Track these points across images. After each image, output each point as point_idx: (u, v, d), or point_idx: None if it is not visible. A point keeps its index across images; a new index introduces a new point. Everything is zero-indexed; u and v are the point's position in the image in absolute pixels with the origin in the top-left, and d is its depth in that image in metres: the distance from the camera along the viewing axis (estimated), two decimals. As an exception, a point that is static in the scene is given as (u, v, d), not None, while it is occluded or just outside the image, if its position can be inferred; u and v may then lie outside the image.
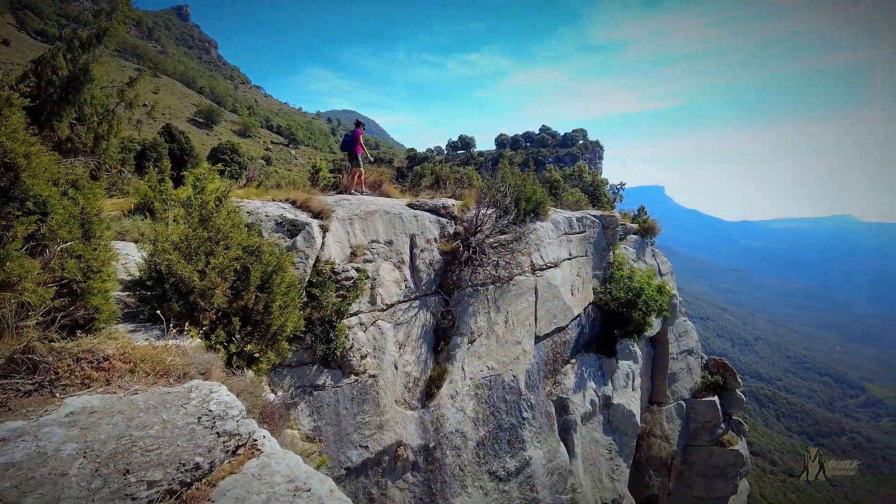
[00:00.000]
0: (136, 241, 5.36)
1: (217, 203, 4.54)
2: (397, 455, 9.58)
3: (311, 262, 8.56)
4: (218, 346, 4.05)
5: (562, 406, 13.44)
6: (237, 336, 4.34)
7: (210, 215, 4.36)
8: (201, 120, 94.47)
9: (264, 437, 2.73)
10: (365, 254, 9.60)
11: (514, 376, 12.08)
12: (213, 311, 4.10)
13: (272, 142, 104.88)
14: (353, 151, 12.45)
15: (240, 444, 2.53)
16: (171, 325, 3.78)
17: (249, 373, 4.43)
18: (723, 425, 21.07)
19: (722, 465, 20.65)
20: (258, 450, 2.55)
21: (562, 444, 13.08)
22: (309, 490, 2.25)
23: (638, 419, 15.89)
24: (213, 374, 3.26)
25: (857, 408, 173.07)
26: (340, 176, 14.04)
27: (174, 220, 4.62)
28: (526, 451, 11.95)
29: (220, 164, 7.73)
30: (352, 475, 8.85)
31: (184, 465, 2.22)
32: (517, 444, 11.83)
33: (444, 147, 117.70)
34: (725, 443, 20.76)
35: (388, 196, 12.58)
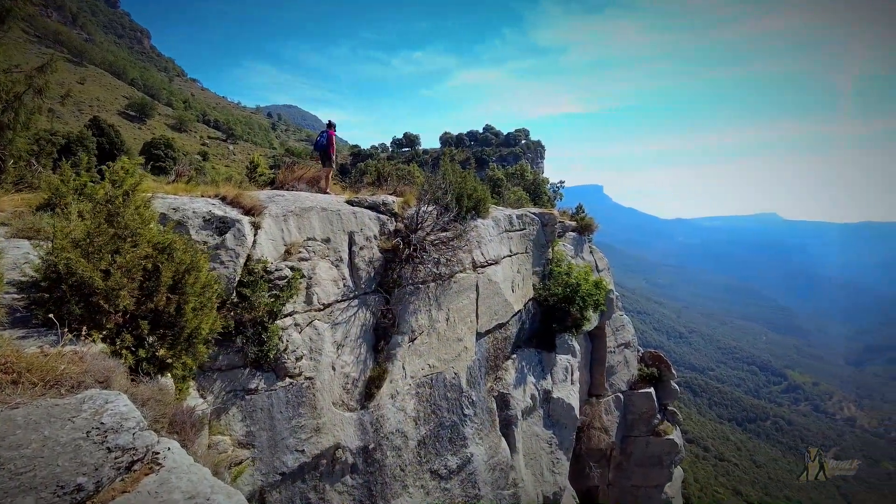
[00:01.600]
0: (29, 239, 4.90)
1: (125, 197, 4.19)
2: (335, 458, 9.34)
3: (242, 260, 8.20)
4: (124, 351, 3.73)
5: (503, 402, 13.53)
6: (149, 340, 4.04)
7: (118, 210, 4.02)
8: (133, 113, 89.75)
9: (169, 449, 2.52)
10: (300, 252, 9.29)
11: (455, 374, 12.05)
12: (118, 314, 3.77)
13: (209, 137, 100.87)
14: (328, 152, 12.88)
15: (135, 458, 2.31)
16: (68, 330, 3.44)
17: (164, 379, 4.13)
18: (658, 416, 21.85)
19: (658, 454, 21.42)
20: (158, 464, 2.33)
21: (503, 439, 13.17)
22: (210, 506, 2.07)
23: (577, 412, 16.21)
24: (115, 383, 2.98)
25: (780, 393, 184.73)
26: (280, 172, 13.77)
27: (80, 216, 4.25)
28: (468, 448, 11.96)
29: (140, 158, 7.25)
30: (287, 480, 8.56)
31: (62, 487, 1.99)
32: (459, 442, 11.82)
33: (388, 144, 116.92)
34: (661, 432, 21.53)
35: (326, 192, 12.28)
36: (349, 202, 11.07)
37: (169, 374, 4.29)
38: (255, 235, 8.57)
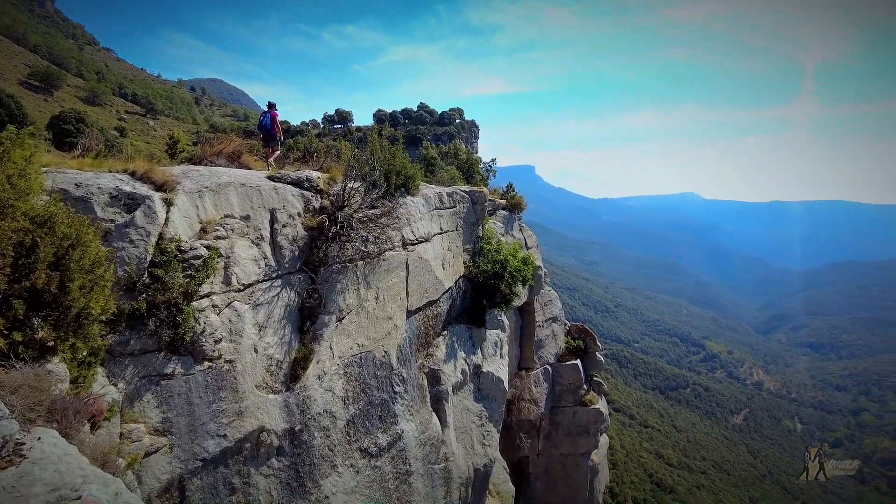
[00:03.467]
0: None
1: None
2: (260, 441, 9.10)
3: (154, 239, 7.74)
4: (-5, 335, 3.39)
5: (434, 377, 13.64)
6: (34, 322, 3.69)
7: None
8: (37, 83, 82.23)
9: (39, 439, 2.29)
10: (217, 230, 8.85)
11: (385, 352, 11.99)
12: (-12, 295, 3.42)
13: (127, 111, 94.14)
14: (272, 133, 13.40)
15: (-7, 450, 2.08)
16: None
17: (52, 365, 3.80)
18: (585, 386, 22.77)
19: (585, 422, 22.36)
20: (21, 456, 2.11)
21: (434, 415, 13.30)
22: (78, 499, 1.90)
23: (507, 385, 16.62)
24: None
25: (699, 362, 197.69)
26: (198, 147, 13.22)
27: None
28: (398, 424, 11.98)
29: (31, 128, 6.56)
30: (209, 466, 8.26)
31: None
32: (389, 419, 11.82)
33: (320, 121, 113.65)
34: (588, 402, 22.48)
35: (248, 168, 11.76)
36: (271, 178, 10.64)
37: (57, 359, 3.95)
38: (167, 213, 8.08)
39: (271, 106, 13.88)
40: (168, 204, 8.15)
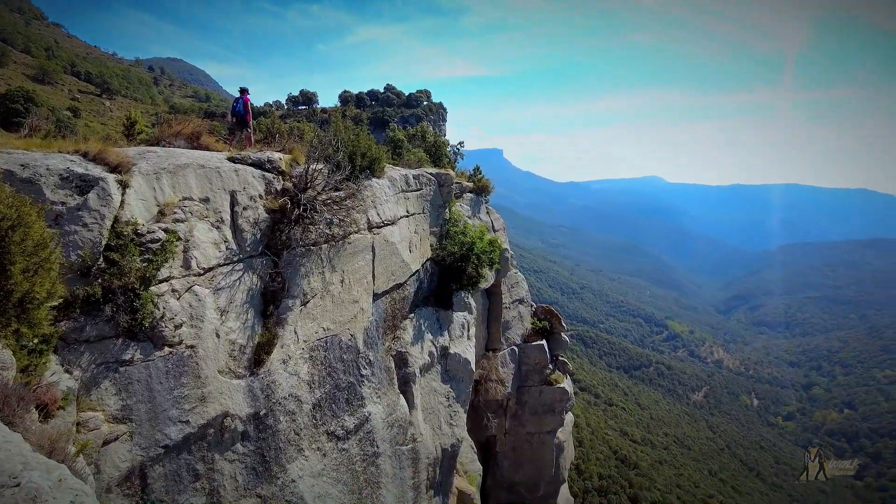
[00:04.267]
0: None
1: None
2: (224, 427, 8.99)
3: (109, 222, 7.49)
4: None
5: (401, 360, 13.68)
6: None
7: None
8: (-21, 60, 78.02)
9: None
10: (176, 213, 8.61)
11: (351, 335, 11.94)
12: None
13: (80, 91, 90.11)
14: (244, 119, 13.43)
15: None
16: None
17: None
18: (550, 366, 23.19)
19: (550, 401, 22.80)
20: (-43, 444, 2.03)
21: (401, 396, 13.36)
22: (17, 486, 1.84)
23: (474, 366, 16.79)
24: None
25: (661, 342, 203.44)
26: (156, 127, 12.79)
27: None
28: (365, 407, 12.00)
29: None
30: (172, 453, 8.13)
31: None
32: (356, 402, 11.82)
33: (284, 102, 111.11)
34: (553, 381, 22.90)
35: (208, 149, 11.43)
36: (231, 159, 10.37)
37: (0, 345, 3.80)
38: (122, 195, 7.83)
39: (244, 91, 13.86)
40: (123, 186, 7.89)
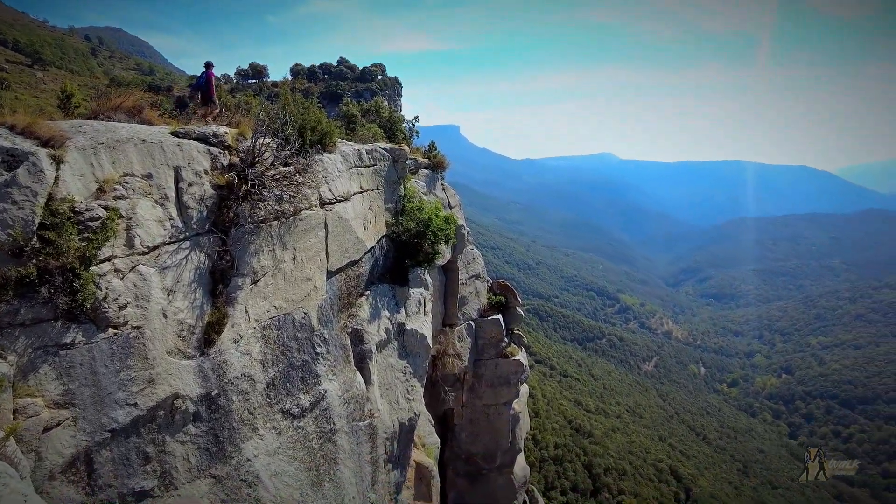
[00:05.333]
0: None
1: None
2: (175, 408, 8.80)
3: (42, 200, 7.11)
4: None
5: (357, 337, 13.65)
6: None
7: None
8: None
9: None
10: (116, 189, 8.23)
11: (305, 313, 11.80)
12: None
13: (8, 61, 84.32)
14: (208, 94, 13.48)
15: None
16: None
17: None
18: (506, 339, 23.63)
19: (506, 374, 23.29)
20: None
21: (358, 373, 13.36)
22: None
23: (430, 341, 16.92)
24: None
25: (613, 314, 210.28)
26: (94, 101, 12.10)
27: None
28: (321, 385, 11.95)
29: None
30: (120, 437, 7.91)
31: None
32: (311, 380, 11.76)
33: (233, 75, 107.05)
34: (509, 354, 23.38)
35: (151, 124, 10.94)
36: (174, 133, 9.96)
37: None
38: (57, 171, 7.42)
39: (208, 65, 13.75)
40: (57, 161, 7.47)
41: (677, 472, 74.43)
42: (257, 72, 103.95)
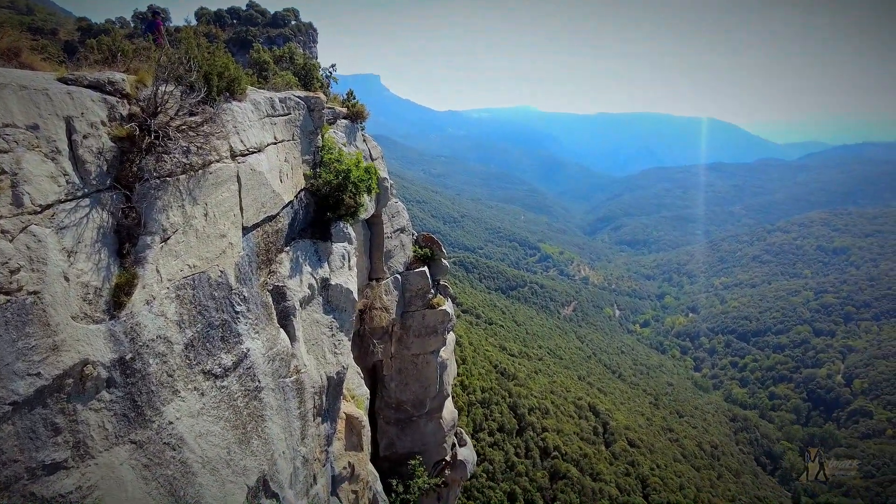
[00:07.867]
0: None
1: None
2: (85, 375, 8.26)
3: None
4: None
5: (279, 294, 13.31)
6: None
7: None
8: None
9: None
10: (-4, 142, 7.37)
11: (222, 272, 11.31)
12: None
13: None
14: (157, 43, 12.95)
15: None
16: None
17: None
18: (433, 290, 23.93)
19: (433, 323, 23.70)
20: None
21: (282, 330, 13.10)
22: None
23: (356, 296, 16.80)
24: None
25: (535, 263, 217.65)
26: None
27: None
28: (243, 343, 11.63)
29: None
30: (23, 409, 7.36)
31: None
32: (232, 340, 11.41)
33: (130, 19, 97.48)
34: (435, 305, 23.73)
35: (32, 69, 9.76)
36: (62, 80, 8.93)
37: None
38: (-82, 123, 6.54)
39: (155, 13, 12.37)
40: (-82, 112, 6.57)
41: (595, 408, 79.96)
42: (157, 15, 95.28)
